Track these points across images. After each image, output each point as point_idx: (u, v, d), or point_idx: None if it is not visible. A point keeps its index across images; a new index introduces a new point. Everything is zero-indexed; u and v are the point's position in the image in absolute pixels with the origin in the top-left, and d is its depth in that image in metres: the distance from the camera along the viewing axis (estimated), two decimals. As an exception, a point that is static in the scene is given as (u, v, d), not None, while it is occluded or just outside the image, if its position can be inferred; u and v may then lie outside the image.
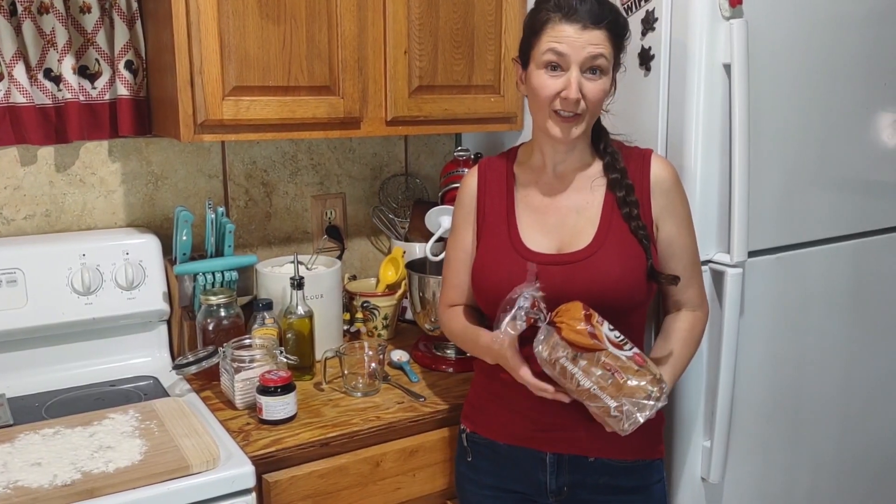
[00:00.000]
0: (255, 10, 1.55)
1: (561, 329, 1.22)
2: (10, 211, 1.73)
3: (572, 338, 1.21)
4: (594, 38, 1.27)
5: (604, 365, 1.21)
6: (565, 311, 1.24)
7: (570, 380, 1.22)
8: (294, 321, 1.69)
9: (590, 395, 1.22)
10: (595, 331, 1.22)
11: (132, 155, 1.83)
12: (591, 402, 1.23)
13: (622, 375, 1.21)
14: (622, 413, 1.21)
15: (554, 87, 1.29)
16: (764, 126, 1.59)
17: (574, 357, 1.21)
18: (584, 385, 1.21)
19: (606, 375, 1.21)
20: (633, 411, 1.21)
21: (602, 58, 1.29)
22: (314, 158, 2.07)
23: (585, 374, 1.21)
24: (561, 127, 1.32)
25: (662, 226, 1.38)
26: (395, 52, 1.73)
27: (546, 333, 1.23)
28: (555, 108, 1.31)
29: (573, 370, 1.21)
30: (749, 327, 1.63)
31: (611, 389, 1.21)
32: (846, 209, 1.79)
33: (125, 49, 1.71)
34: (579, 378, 1.21)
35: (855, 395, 1.89)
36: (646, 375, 1.23)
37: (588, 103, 1.30)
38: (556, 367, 1.23)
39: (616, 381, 1.21)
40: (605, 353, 1.21)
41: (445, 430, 1.58)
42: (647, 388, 1.22)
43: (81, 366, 1.71)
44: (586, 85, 1.29)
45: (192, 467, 1.29)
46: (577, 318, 1.22)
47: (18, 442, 1.35)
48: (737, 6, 1.49)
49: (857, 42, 1.71)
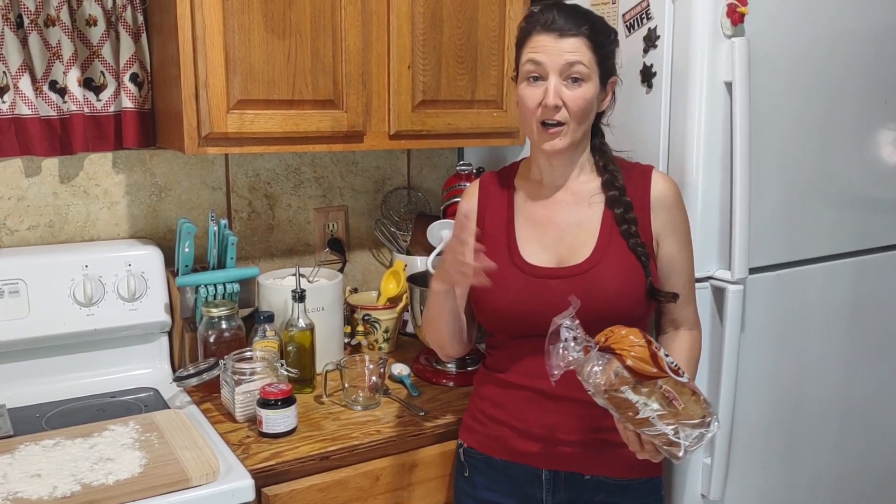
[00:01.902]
0: (260, 25, 1.56)
1: (623, 357, 1.15)
2: (14, 221, 1.74)
3: (637, 366, 1.15)
4: (570, 46, 1.29)
5: (664, 392, 1.16)
6: (623, 338, 1.17)
7: (629, 409, 1.16)
8: (295, 334, 1.70)
9: (646, 423, 1.17)
10: (657, 357, 1.17)
11: (136, 167, 1.84)
12: (647, 430, 1.17)
13: (680, 402, 1.16)
14: (680, 439, 1.16)
15: (535, 97, 1.31)
16: (765, 143, 1.60)
17: (634, 385, 1.15)
18: (644, 414, 1.16)
19: (664, 403, 1.16)
20: (690, 438, 1.16)
21: (580, 64, 1.29)
22: (317, 171, 2.08)
23: (647, 404, 1.15)
24: (547, 138, 1.33)
25: (663, 243, 1.38)
26: (399, 67, 1.74)
27: (603, 361, 1.17)
28: (540, 120, 1.32)
29: (635, 399, 1.15)
30: (749, 344, 1.63)
31: (668, 416, 1.16)
32: (846, 226, 1.79)
33: (130, 62, 1.72)
34: (640, 407, 1.16)
35: (854, 412, 1.89)
36: (700, 402, 1.18)
37: (570, 111, 1.31)
38: (612, 395, 1.16)
39: (675, 408, 1.16)
40: (665, 380, 1.16)
41: (445, 444, 1.58)
42: (702, 415, 1.17)
43: (82, 377, 1.71)
44: (566, 92, 1.30)
45: (191, 480, 1.29)
46: (639, 345, 1.16)
47: (18, 453, 1.35)
48: (738, 24, 1.50)
49: (858, 60, 1.72)
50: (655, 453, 1.21)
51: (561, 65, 1.29)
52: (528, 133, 1.37)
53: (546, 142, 1.33)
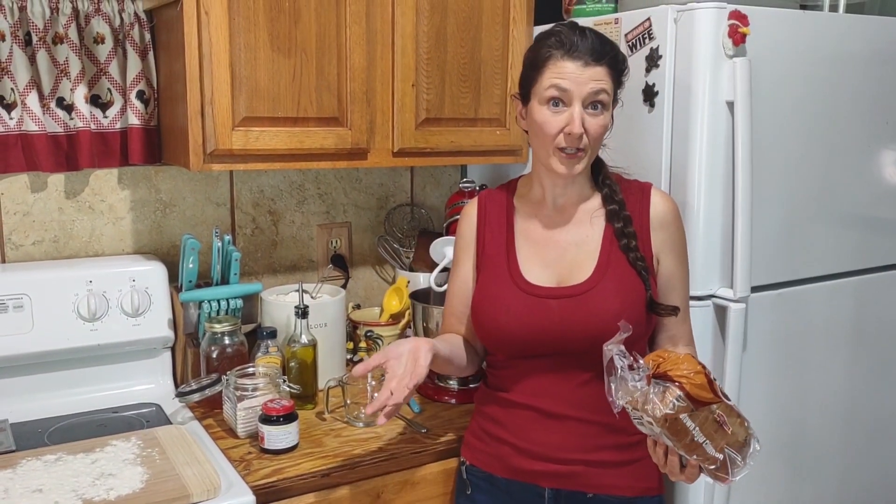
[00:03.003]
0: (266, 44, 1.58)
1: (682, 384, 1.13)
2: (19, 236, 1.75)
3: (697, 393, 1.13)
4: (596, 75, 1.29)
5: (716, 417, 1.15)
6: (677, 364, 1.16)
7: (686, 436, 1.14)
8: (297, 350, 1.70)
9: (699, 449, 1.15)
10: (712, 382, 1.16)
11: (141, 183, 1.86)
12: (696, 454, 1.15)
13: (728, 426, 1.15)
14: (729, 462, 1.15)
15: (557, 124, 1.31)
16: (766, 163, 1.60)
17: (692, 412, 1.13)
18: (699, 440, 1.14)
19: (716, 427, 1.15)
20: (738, 461, 1.15)
21: (604, 93, 1.30)
22: (321, 188, 2.09)
23: (702, 430, 1.14)
24: (565, 163, 1.33)
25: (663, 260, 1.39)
26: (403, 85, 1.76)
27: (660, 389, 1.14)
28: (559, 146, 1.32)
29: (691, 426, 1.14)
30: (751, 362, 1.63)
31: (719, 440, 1.15)
32: (848, 246, 1.79)
33: (137, 79, 1.74)
34: (695, 434, 1.14)
35: (857, 431, 1.88)
36: (743, 423, 1.18)
37: (590, 138, 1.31)
38: (674, 424, 1.14)
39: (724, 432, 1.15)
40: (719, 405, 1.15)
41: (447, 462, 1.58)
42: (744, 434, 1.17)
43: (85, 392, 1.71)
44: (588, 120, 1.30)
45: (192, 496, 1.28)
46: (697, 371, 1.15)
47: (20, 468, 1.35)
48: (740, 44, 1.51)
49: (859, 80, 1.74)
50: (696, 476, 1.19)
51: (586, 93, 1.29)
52: (542, 155, 1.36)
53: (565, 166, 1.33)
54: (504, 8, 1.85)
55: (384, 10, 1.72)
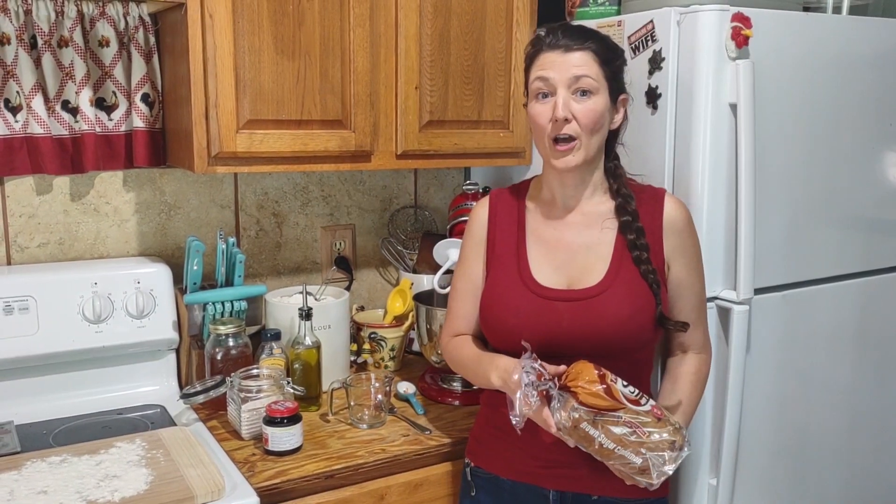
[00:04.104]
0: (270, 47, 1.58)
1: (577, 394, 1.19)
2: (25, 239, 1.76)
3: (590, 401, 1.19)
4: (576, 60, 1.30)
5: (625, 423, 1.19)
6: (577, 375, 1.21)
7: (593, 443, 1.21)
8: (301, 351, 1.70)
9: (614, 455, 1.20)
10: (611, 390, 1.20)
11: (146, 185, 1.86)
12: (616, 462, 1.21)
13: (643, 430, 1.19)
14: (649, 468, 1.19)
15: (545, 113, 1.32)
16: (770, 164, 1.60)
17: (594, 420, 1.19)
18: (608, 446, 1.20)
19: (628, 433, 1.19)
20: (659, 464, 1.19)
21: (587, 78, 1.30)
22: (325, 190, 2.10)
23: (607, 436, 1.19)
24: (559, 156, 1.33)
25: (674, 266, 1.38)
26: (407, 88, 1.76)
27: (562, 400, 1.21)
28: (551, 137, 1.32)
29: (594, 433, 1.19)
30: (755, 365, 1.63)
31: (634, 446, 1.19)
32: (852, 247, 1.79)
33: (142, 82, 1.75)
34: (601, 440, 1.19)
35: (861, 434, 1.88)
36: (666, 426, 1.21)
37: (580, 124, 1.31)
38: (577, 432, 1.21)
39: (638, 438, 1.19)
40: (624, 411, 1.20)
41: (450, 463, 1.58)
42: (670, 440, 1.20)
43: (90, 393, 1.72)
44: (575, 106, 1.30)
45: (196, 498, 1.29)
46: (591, 381, 1.20)
47: (25, 469, 1.35)
48: (743, 47, 1.51)
49: (863, 82, 1.73)
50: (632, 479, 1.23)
51: (568, 78, 1.30)
52: (542, 152, 1.37)
53: (559, 158, 1.33)
54: (507, 10, 1.85)
55: (388, 13, 1.72)
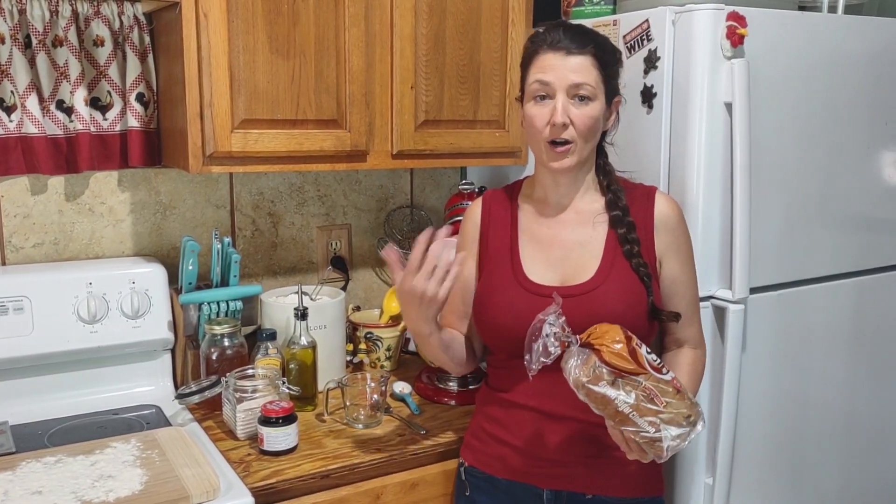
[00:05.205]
0: (265, 46, 1.58)
1: (601, 352, 1.16)
2: (20, 239, 1.75)
3: (614, 361, 1.15)
4: (577, 65, 1.30)
5: (644, 389, 1.15)
6: (603, 334, 1.18)
7: (608, 405, 1.16)
8: (297, 351, 1.70)
9: (628, 420, 1.16)
10: (636, 353, 1.17)
11: (141, 185, 1.86)
12: (628, 427, 1.17)
13: (661, 400, 1.15)
14: (661, 439, 1.16)
15: (543, 116, 1.32)
16: (765, 163, 1.60)
17: (614, 381, 1.15)
18: (623, 410, 1.15)
19: (646, 399, 1.15)
20: (672, 436, 1.16)
21: (586, 85, 1.30)
22: (321, 190, 2.09)
23: (625, 399, 1.15)
24: (555, 158, 1.34)
25: (666, 263, 1.39)
26: (402, 87, 1.76)
27: (582, 356, 1.17)
28: (548, 140, 1.33)
29: (613, 394, 1.15)
30: (751, 364, 1.63)
31: (650, 414, 1.15)
32: (848, 247, 1.79)
33: (137, 82, 1.74)
34: (618, 403, 1.15)
35: (857, 433, 1.88)
36: (684, 399, 1.18)
37: (577, 129, 1.31)
38: (590, 390, 1.16)
39: (656, 406, 1.15)
40: (645, 377, 1.16)
41: (446, 463, 1.58)
42: (686, 413, 1.17)
43: (85, 394, 1.71)
44: (573, 111, 1.30)
45: (191, 498, 1.29)
46: (617, 341, 1.17)
47: (20, 470, 1.35)
48: (738, 46, 1.51)
49: (858, 81, 1.74)
50: (642, 453, 1.20)
51: (568, 84, 1.30)
52: (536, 152, 1.38)
53: (554, 160, 1.34)
54: (503, 10, 1.85)
55: (383, 12, 1.72)
